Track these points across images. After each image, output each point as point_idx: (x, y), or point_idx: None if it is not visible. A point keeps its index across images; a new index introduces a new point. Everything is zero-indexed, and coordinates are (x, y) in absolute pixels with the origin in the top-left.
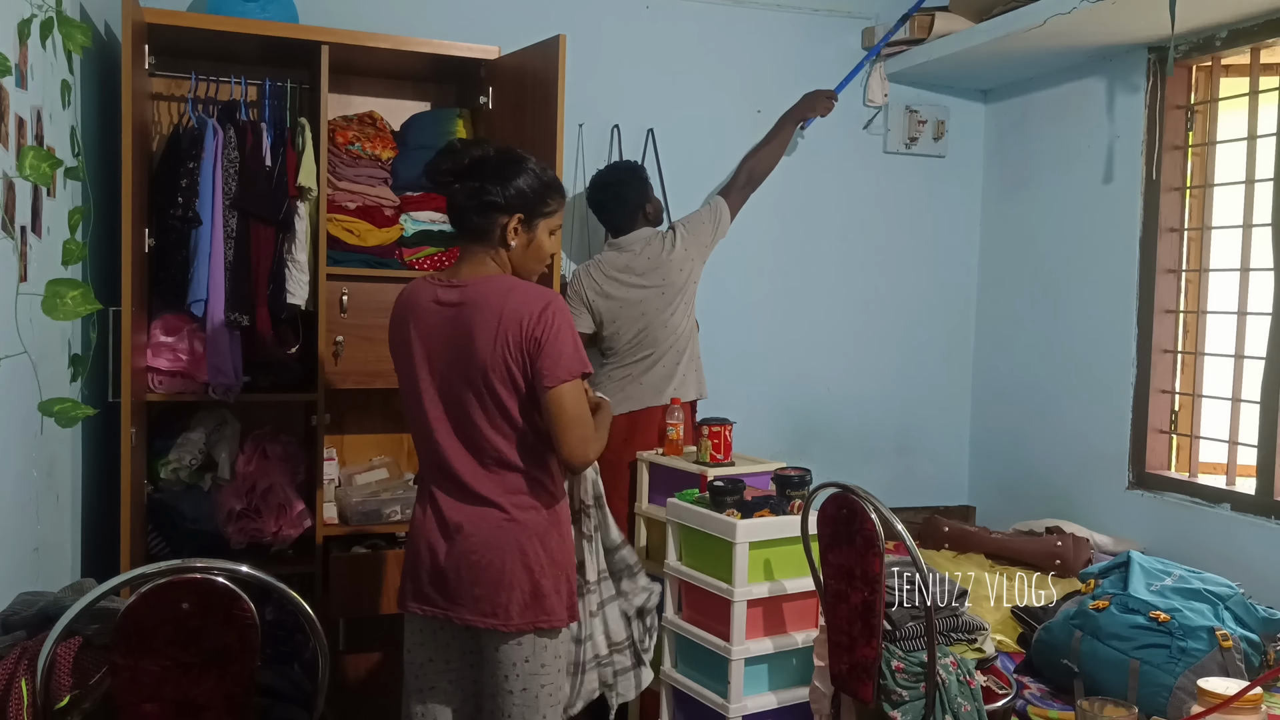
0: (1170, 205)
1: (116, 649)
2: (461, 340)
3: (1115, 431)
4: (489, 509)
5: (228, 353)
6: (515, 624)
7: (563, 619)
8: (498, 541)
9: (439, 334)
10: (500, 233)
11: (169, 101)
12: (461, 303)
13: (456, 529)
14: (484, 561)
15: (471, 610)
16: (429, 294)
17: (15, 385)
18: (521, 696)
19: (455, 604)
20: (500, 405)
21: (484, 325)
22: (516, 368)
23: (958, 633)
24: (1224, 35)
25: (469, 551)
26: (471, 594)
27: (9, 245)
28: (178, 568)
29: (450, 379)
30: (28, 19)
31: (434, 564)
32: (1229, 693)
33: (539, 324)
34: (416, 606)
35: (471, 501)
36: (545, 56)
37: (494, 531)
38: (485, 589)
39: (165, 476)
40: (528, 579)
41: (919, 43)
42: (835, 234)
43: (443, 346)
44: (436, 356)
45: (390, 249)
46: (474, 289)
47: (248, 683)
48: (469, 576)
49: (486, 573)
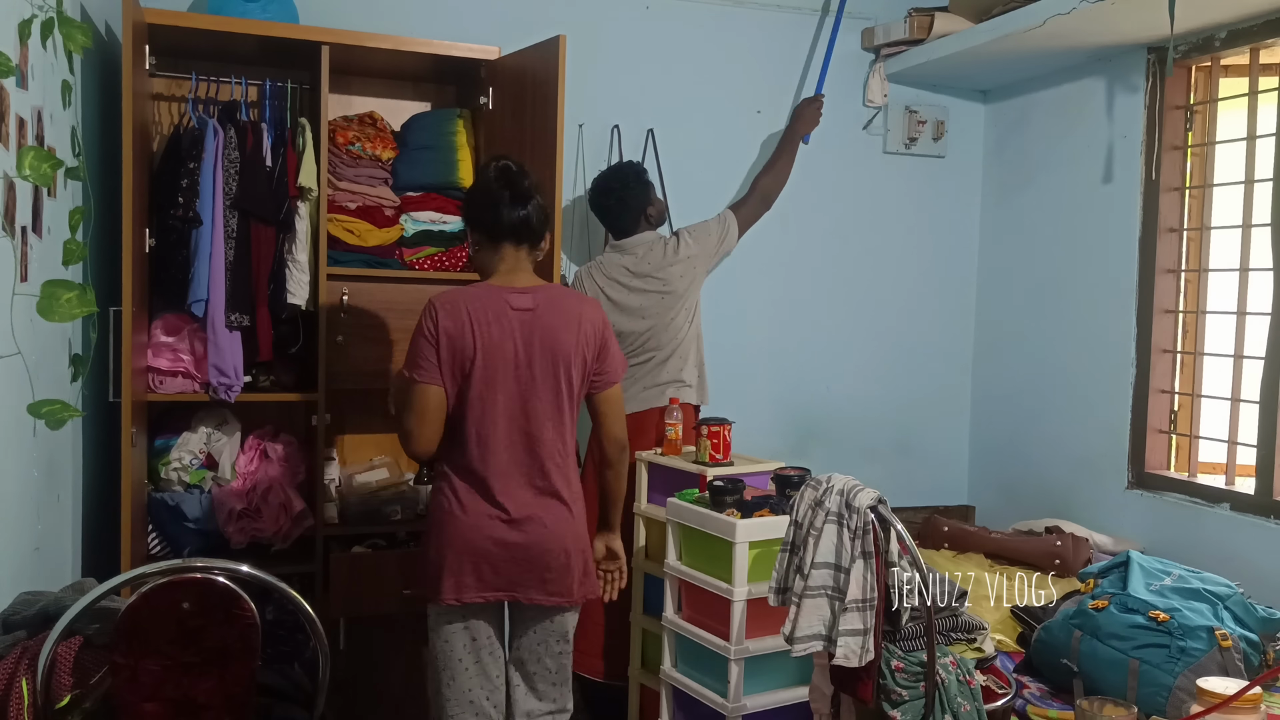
0: (1170, 205)
1: (117, 648)
2: (546, 341)
3: (1115, 431)
4: (554, 500)
5: (228, 353)
6: (575, 598)
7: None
8: (564, 529)
9: (516, 336)
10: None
11: (169, 101)
12: (535, 308)
13: (527, 520)
14: (556, 548)
15: (541, 590)
16: (498, 300)
17: (15, 385)
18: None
19: (525, 587)
20: (571, 401)
21: (566, 327)
22: (589, 368)
23: (957, 632)
24: (1223, 35)
25: (542, 540)
26: (542, 578)
27: (9, 245)
28: (178, 567)
29: (531, 378)
30: (28, 19)
31: (501, 554)
32: (1228, 692)
33: (605, 328)
34: (477, 595)
35: (540, 493)
36: (545, 57)
37: (561, 521)
38: (556, 573)
39: (165, 476)
40: (581, 559)
41: (919, 43)
42: (835, 234)
43: (524, 347)
44: (521, 357)
45: (390, 249)
46: (545, 294)
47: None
48: (542, 562)
49: (558, 558)
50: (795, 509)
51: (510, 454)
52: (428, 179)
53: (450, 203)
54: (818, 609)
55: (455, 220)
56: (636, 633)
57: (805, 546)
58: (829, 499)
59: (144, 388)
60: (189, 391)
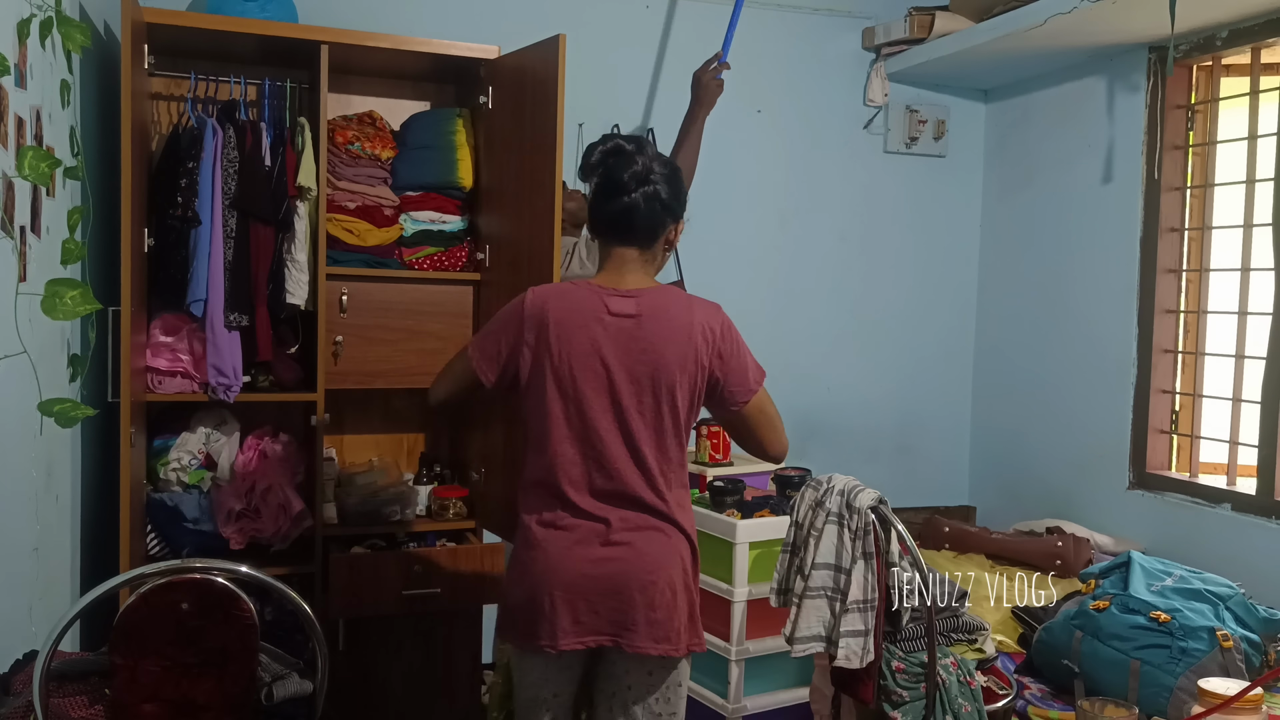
0: (1171, 205)
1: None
2: (645, 352)
3: (1116, 431)
4: (656, 530)
5: (227, 353)
6: (682, 649)
7: (703, 643)
8: (666, 560)
9: (616, 344)
10: (664, 241)
11: (168, 101)
12: (639, 314)
13: (624, 548)
14: (658, 584)
15: (646, 635)
16: (594, 304)
17: (15, 385)
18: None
19: (623, 632)
20: (676, 423)
21: (673, 338)
22: (700, 383)
23: (958, 633)
24: (1224, 35)
25: (638, 573)
26: (646, 618)
27: (8, 245)
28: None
29: (629, 393)
30: (27, 19)
31: (596, 589)
32: (1229, 693)
33: (723, 339)
34: (575, 641)
35: (642, 519)
36: (545, 56)
37: (662, 551)
38: (661, 613)
39: (164, 477)
40: (687, 600)
41: (919, 42)
42: (835, 234)
43: (623, 357)
44: (617, 370)
45: (390, 249)
46: (650, 299)
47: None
48: (639, 601)
49: (661, 595)
50: (796, 510)
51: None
52: (427, 179)
53: (450, 202)
54: (818, 610)
55: (455, 220)
56: None
57: (806, 547)
58: (830, 500)
59: (143, 388)
60: (188, 391)
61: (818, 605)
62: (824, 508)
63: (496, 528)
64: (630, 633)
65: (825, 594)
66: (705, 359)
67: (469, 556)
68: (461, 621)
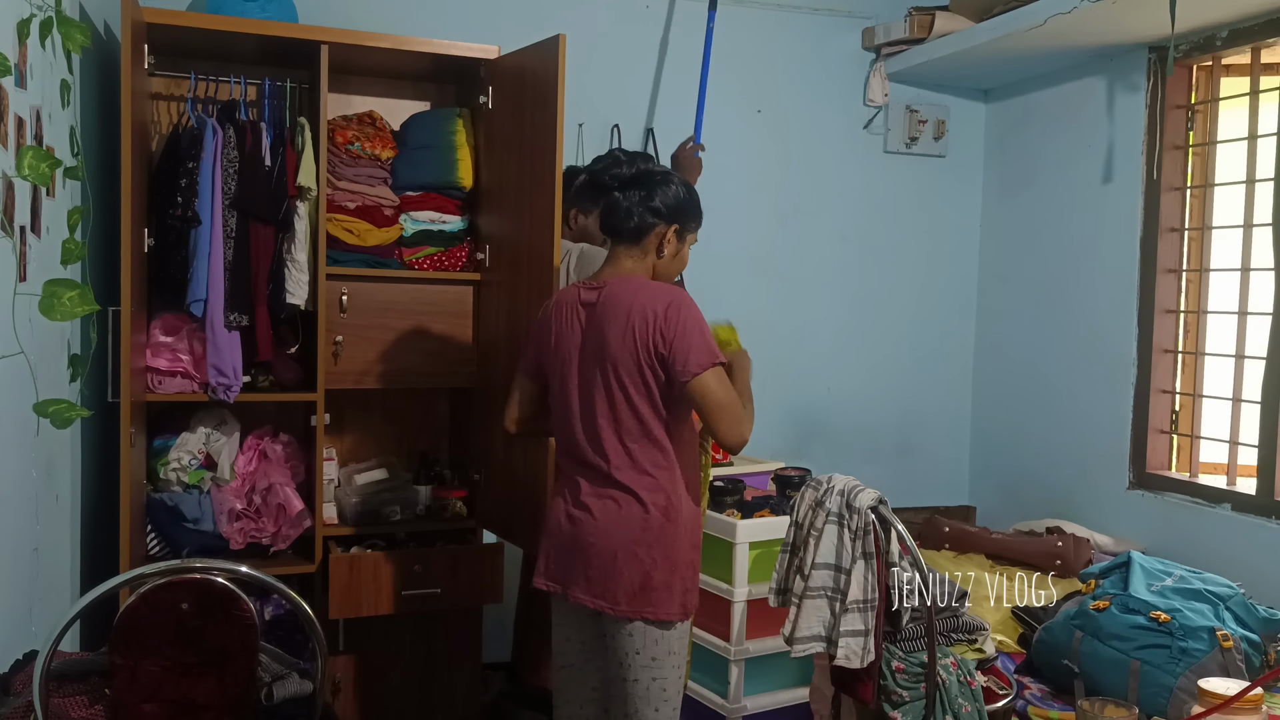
0: (1171, 205)
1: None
2: (598, 336)
3: (1116, 431)
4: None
5: (227, 353)
6: (623, 610)
7: (672, 614)
8: (614, 527)
9: (580, 330)
10: (656, 239)
11: (168, 101)
12: (597, 301)
13: (583, 511)
14: (598, 546)
15: (584, 590)
16: (574, 294)
17: (14, 385)
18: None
19: (570, 583)
20: (628, 399)
21: (614, 321)
22: (645, 362)
23: (958, 633)
24: (1224, 35)
25: (586, 534)
26: (585, 575)
27: (8, 245)
28: (177, 568)
29: (587, 373)
30: (27, 19)
31: (560, 543)
32: (1229, 693)
33: (665, 320)
34: (542, 582)
35: (600, 487)
36: (545, 56)
37: (611, 519)
38: (597, 572)
39: (164, 477)
40: (638, 569)
41: (919, 42)
42: (835, 234)
43: (583, 342)
44: (580, 352)
45: (390, 249)
46: (610, 288)
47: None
48: (582, 559)
49: (599, 557)
50: (796, 510)
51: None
52: (427, 179)
53: (450, 202)
54: (818, 610)
55: (455, 220)
56: None
57: (805, 547)
58: (830, 500)
59: (143, 388)
60: (188, 391)
61: (818, 605)
62: (824, 508)
63: (496, 528)
64: (574, 585)
65: (825, 594)
66: (642, 340)
67: (469, 556)
68: (461, 621)
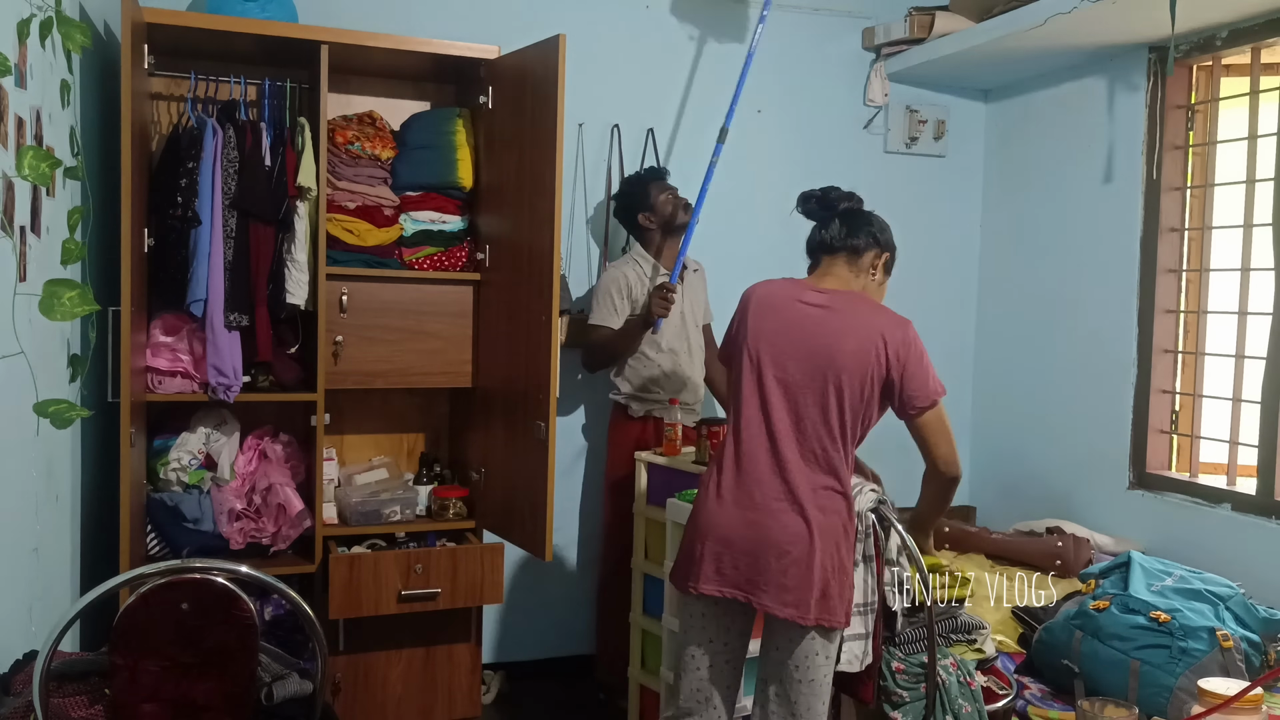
0: (1171, 205)
1: (116, 649)
2: (824, 338)
3: (1116, 431)
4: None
5: (227, 353)
6: (810, 618)
7: (840, 621)
8: (805, 538)
9: (797, 327)
10: (869, 261)
11: (169, 101)
12: (829, 306)
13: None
14: (794, 555)
15: (774, 598)
16: (791, 293)
17: (14, 385)
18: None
19: (755, 590)
20: (841, 405)
21: (851, 333)
22: (873, 377)
23: (958, 634)
24: (1224, 35)
25: (778, 541)
26: (778, 583)
27: (8, 245)
28: (177, 568)
29: (798, 373)
30: (27, 19)
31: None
32: (1229, 693)
33: (904, 346)
34: (714, 588)
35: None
36: (545, 56)
37: (806, 529)
38: (792, 580)
39: (164, 477)
40: (821, 578)
41: (919, 42)
42: None
43: (800, 340)
44: (790, 348)
45: (390, 249)
46: (841, 298)
47: (247, 683)
48: (777, 566)
49: (796, 566)
50: None
51: (777, 442)
52: (427, 179)
53: (450, 202)
54: None
55: (455, 220)
56: (636, 633)
57: None
58: None
59: (143, 388)
60: (188, 391)
61: None
62: None
63: (496, 528)
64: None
65: None
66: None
67: (469, 556)
68: (461, 621)
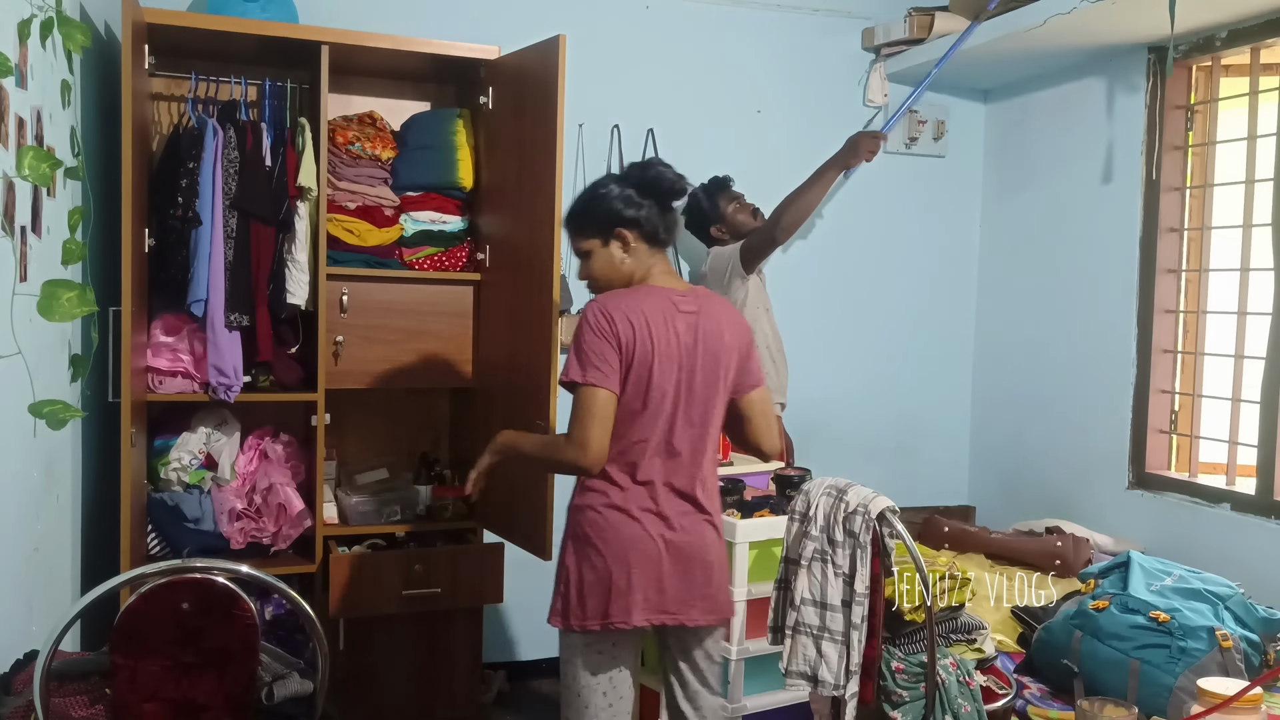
0: (1170, 205)
1: (117, 649)
2: (708, 350)
3: (1115, 431)
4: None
5: (227, 353)
6: (726, 614)
7: None
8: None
9: (681, 343)
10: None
11: (169, 101)
12: (698, 310)
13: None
14: (717, 561)
15: (702, 610)
16: (667, 304)
17: (14, 385)
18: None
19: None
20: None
21: (727, 330)
22: (733, 376)
23: (957, 633)
24: (1224, 35)
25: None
26: (703, 594)
27: (8, 245)
28: (178, 568)
29: (694, 389)
30: (28, 19)
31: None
32: (1229, 693)
33: (748, 332)
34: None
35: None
36: (545, 56)
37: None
38: (715, 589)
39: (165, 477)
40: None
41: (919, 42)
42: (835, 234)
43: (689, 355)
44: (685, 366)
45: (390, 249)
46: (704, 300)
47: (247, 683)
48: (702, 578)
49: (719, 574)
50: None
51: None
52: (427, 179)
53: (450, 202)
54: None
55: (455, 220)
56: None
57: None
58: (812, 528)
59: (143, 388)
60: (188, 391)
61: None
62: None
63: (496, 528)
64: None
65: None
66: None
67: (469, 556)
68: (461, 621)
